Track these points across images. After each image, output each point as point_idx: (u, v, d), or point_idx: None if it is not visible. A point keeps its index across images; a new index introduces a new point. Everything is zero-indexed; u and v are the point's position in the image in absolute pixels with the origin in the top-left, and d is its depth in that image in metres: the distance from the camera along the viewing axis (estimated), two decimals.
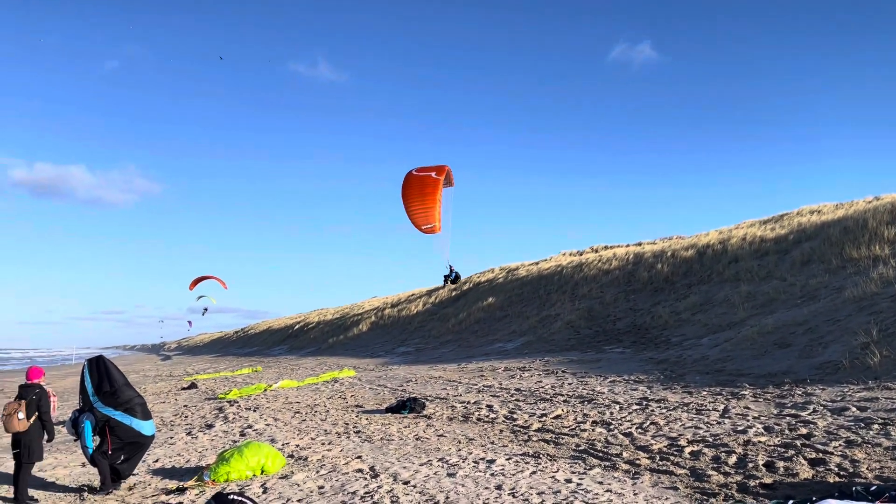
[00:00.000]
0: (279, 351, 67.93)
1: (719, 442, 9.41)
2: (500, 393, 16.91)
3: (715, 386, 14.30)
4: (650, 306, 28.23)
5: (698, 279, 29.01)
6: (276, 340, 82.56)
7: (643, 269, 34.01)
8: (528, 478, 8.31)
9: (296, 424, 14.35)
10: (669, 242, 39.87)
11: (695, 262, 31.17)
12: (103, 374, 9.49)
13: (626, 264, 36.58)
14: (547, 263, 47.75)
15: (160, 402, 20.57)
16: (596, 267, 38.69)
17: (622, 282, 34.08)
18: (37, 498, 8.83)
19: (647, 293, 30.70)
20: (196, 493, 8.69)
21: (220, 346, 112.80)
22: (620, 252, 41.00)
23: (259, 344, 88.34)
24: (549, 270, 43.72)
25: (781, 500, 6.26)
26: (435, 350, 36.31)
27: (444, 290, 32.21)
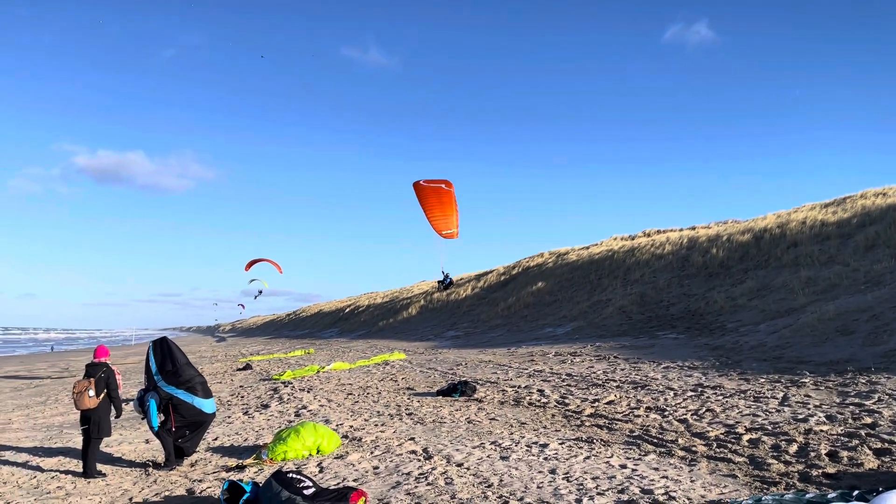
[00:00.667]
0: (330, 333, 68.99)
1: (779, 430, 9.19)
2: (551, 378, 16.85)
3: (773, 373, 13.96)
4: (705, 291, 27.67)
5: (755, 264, 28.28)
6: (327, 323, 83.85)
7: (697, 253, 33.32)
8: (581, 463, 8.27)
9: (349, 406, 14.57)
10: (725, 226, 38.94)
11: (751, 247, 30.38)
12: (166, 354, 9.80)
13: (679, 249, 35.90)
14: (598, 248, 47.19)
15: (217, 383, 21.12)
16: (648, 251, 38.08)
17: (675, 267, 33.48)
18: (105, 472, 9.18)
19: (701, 278, 30.09)
20: (255, 470, 8.91)
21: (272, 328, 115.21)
22: (674, 236, 40.24)
23: (310, 326, 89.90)
24: (601, 255, 43.21)
25: (846, 491, 6.08)
26: (484, 334, 36.36)
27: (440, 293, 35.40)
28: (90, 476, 8.95)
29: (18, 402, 18.66)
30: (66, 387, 22.21)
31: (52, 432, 13.00)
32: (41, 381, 26.35)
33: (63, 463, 10.00)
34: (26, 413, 16.18)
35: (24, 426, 14.03)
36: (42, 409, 16.95)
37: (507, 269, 56.15)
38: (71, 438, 12.04)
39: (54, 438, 12.24)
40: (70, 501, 7.81)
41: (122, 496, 7.99)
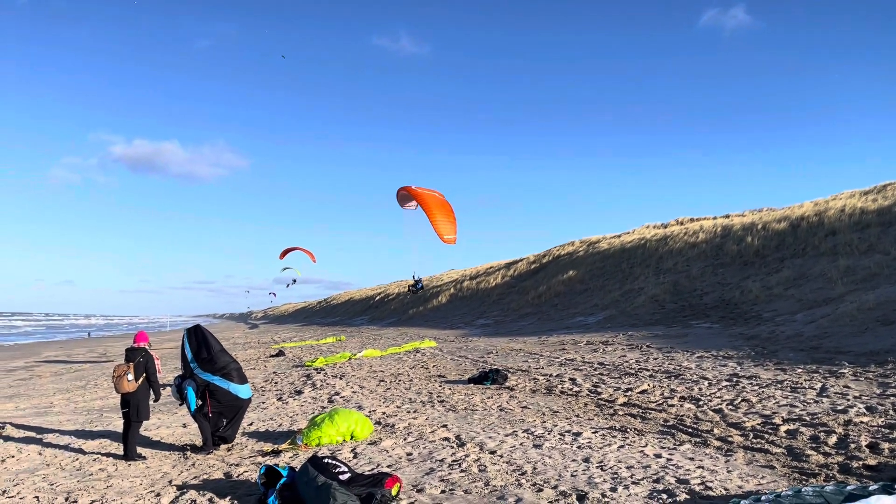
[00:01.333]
0: (361, 321, 69.48)
1: (817, 421, 9.05)
2: (583, 366, 16.78)
3: (811, 363, 13.73)
4: (739, 280, 27.26)
5: (791, 253, 27.78)
6: (358, 311, 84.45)
7: (732, 241, 32.82)
8: (615, 451, 8.23)
9: (381, 392, 14.68)
10: (760, 215, 38.27)
11: (788, 235, 29.83)
12: (201, 341, 9.95)
13: (713, 237, 35.39)
14: (630, 236, 46.74)
15: (250, 369, 21.42)
16: (681, 240, 37.62)
17: (709, 255, 33.03)
18: (145, 455, 9.38)
19: (735, 267, 29.65)
20: (290, 455, 9.03)
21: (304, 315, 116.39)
22: (707, 224, 39.66)
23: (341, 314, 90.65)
24: (632, 243, 42.80)
25: (888, 483, 5.96)
26: (514, 323, 36.30)
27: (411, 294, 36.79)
28: (131, 459, 9.15)
29: (59, 387, 19.14)
30: (104, 371, 22.72)
31: (93, 416, 13.32)
32: (80, 365, 26.99)
33: (104, 446, 10.23)
34: (67, 397, 16.59)
35: (65, 409, 14.39)
36: (82, 392, 17.37)
37: (538, 257, 55.92)
38: (111, 422, 12.32)
39: (95, 422, 12.53)
40: (112, 483, 7.99)
41: (161, 479, 8.16)
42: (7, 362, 29.81)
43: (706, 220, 44.78)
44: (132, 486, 7.83)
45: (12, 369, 26.08)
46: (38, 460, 9.37)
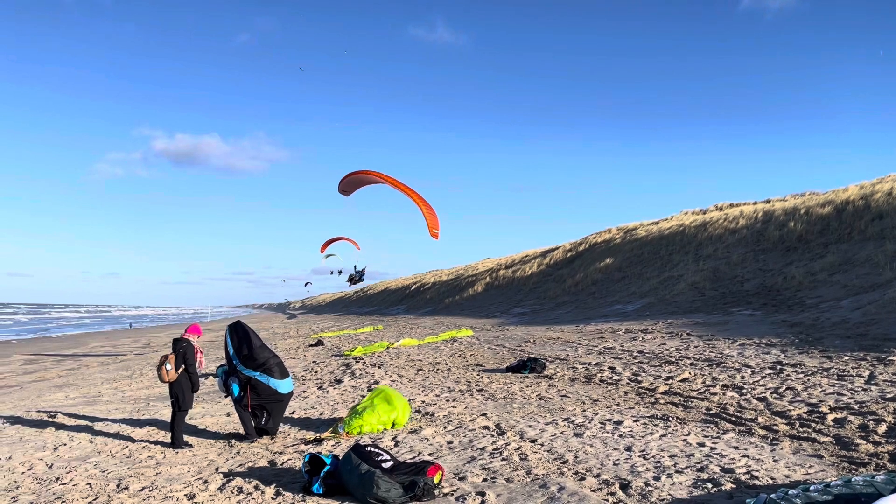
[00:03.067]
0: (397, 310, 69.88)
1: (866, 409, 8.85)
2: (622, 355, 16.64)
3: (858, 351, 13.42)
4: (782, 266, 26.73)
5: (836, 237, 27.12)
6: (394, 300, 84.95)
7: (773, 227, 32.17)
8: (657, 440, 8.16)
9: (420, 381, 14.76)
10: (802, 199, 37.40)
11: (832, 220, 29.12)
12: (242, 338, 10.08)
13: (754, 222, 34.74)
14: (668, 223, 46.12)
15: (290, 359, 21.72)
16: (721, 226, 37.00)
17: (750, 241, 32.43)
18: (191, 443, 9.60)
19: (778, 252, 29.07)
20: (332, 443, 9.15)
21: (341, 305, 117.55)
22: (748, 210, 38.92)
23: (378, 304, 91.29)
24: (671, 230, 42.22)
25: None
26: (551, 311, 36.15)
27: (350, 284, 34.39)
28: (178, 446, 9.37)
29: (106, 376, 19.65)
30: (149, 361, 23.25)
31: (140, 405, 13.65)
32: (124, 356, 27.66)
33: (152, 434, 10.49)
34: (114, 386, 17.03)
35: (113, 399, 14.77)
36: (129, 382, 17.80)
37: (574, 245, 55.53)
38: (158, 410, 12.62)
39: (142, 410, 12.85)
40: (161, 470, 8.20)
41: (208, 466, 8.34)
42: (56, 352, 30.69)
43: (746, 205, 43.92)
44: (180, 473, 8.01)
45: (61, 359, 26.86)
46: (89, 448, 9.65)
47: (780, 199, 42.43)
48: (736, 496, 5.94)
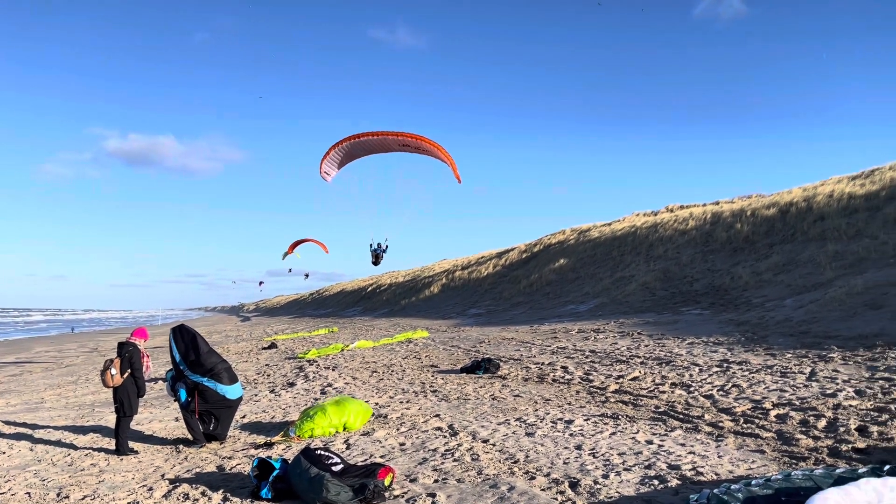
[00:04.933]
0: (353, 312, 69.46)
1: (807, 405, 9.12)
2: (575, 354, 16.83)
3: (800, 348, 13.83)
4: (729, 267, 27.40)
5: (781, 238, 27.93)
6: (350, 302, 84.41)
7: (721, 228, 32.96)
8: (607, 438, 8.27)
9: (374, 383, 14.68)
10: (749, 201, 38.41)
11: (777, 221, 29.98)
12: (189, 343, 9.83)
13: (703, 224, 35.53)
14: (620, 224, 46.85)
15: (243, 362, 21.38)
16: (671, 227, 37.75)
17: (699, 242, 33.16)
18: (137, 450, 9.36)
19: (725, 253, 29.79)
20: (283, 447, 9.03)
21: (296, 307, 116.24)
22: (697, 211, 39.80)
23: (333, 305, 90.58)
24: (623, 231, 42.91)
25: (877, 466, 6.02)
26: (506, 312, 36.37)
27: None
28: (123, 453, 9.13)
29: (50, 382, 19.04)
30: (95, 366, 22.61)
31: (84, 411, 13.26)
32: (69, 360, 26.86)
33: (96, 440, 10.20)
34: (58, 392, 16.50)
35: (56, 405, 14.32)
36: (73, 388, 17.28)
37: (529, 246, 55.98)
38: (103, 417, 12.27)
39: (86, 417, 12.48)
40: (104, 478, 7.97)
41: (154, 472, 8.14)
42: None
43: (696, 207, 44.90)
44: (124, 481, 7.81)
45: (1, 365, 25.94)
46: (29, 456, 9.33)
47: (728, 202, 43.48)
48: (681, 492, 6.05)
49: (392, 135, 16.76)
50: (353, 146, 17.61)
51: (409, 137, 16.80)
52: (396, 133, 16.75)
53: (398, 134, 16.76)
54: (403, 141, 17.05)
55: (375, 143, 17.42)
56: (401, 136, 16.78)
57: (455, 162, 17.41)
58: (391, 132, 16.77)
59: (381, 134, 16.86)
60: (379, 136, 16.89)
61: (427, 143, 16.85)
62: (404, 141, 17.04)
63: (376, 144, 17.46)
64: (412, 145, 17.19)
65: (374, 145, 17.57)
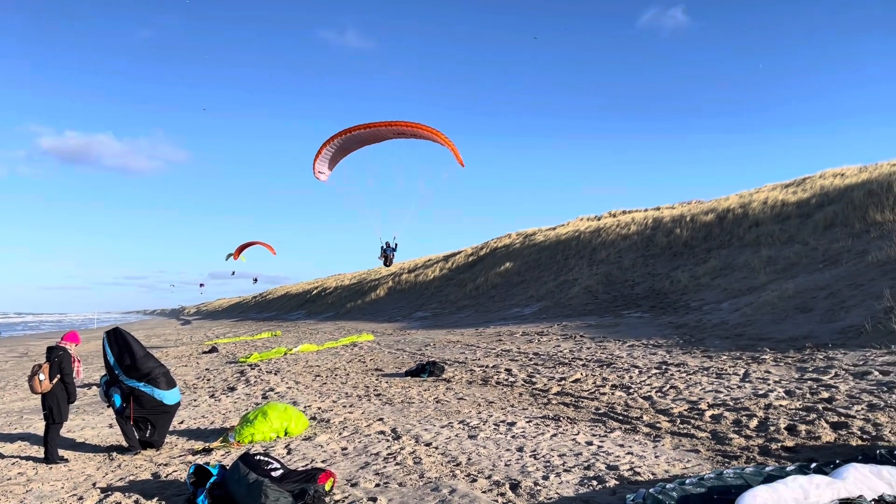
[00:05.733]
0: (297, 316, 68.58)
1: (740, 406, 9.40)
2: (519, 357, 16.98)
3: (735, 350, 14.25)
4: (669, 271, 28.08)
5: (718, 244, 28.77)
6: (295, 305, 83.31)
7: (662, 233, 33.76)
8: (548, 440, 8.36)
9: (317, 387, 14.52)
10: (688, 207, 39.49)
11: (714, 227, 30.88)
12: (123, 346, 9.55)
13: (644, 229, 36.33)
14: (564, 229, 47.53)
15: (182, 366, 20.87)
16: (614, 232, 38.47)
17: (640, 247, 33.89)
18: (67, 458, 9.03)
19: (665, 258, 30.52)
20: (222, 453, 8.84)
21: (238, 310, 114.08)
22: (639, 217, 40.69)
23: (277, 309, 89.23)
24: (567, 236, 43.54)
25: (804, 464, 6.25)
26: (452, 315, 36.47)
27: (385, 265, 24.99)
28: (52, 461, 8.79)
29: None
30: (24, 372, 21.74)
31: (12, 418, 12.73)
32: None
33: (24, 448, 9.80)
34: None
35: None
36: (0, 394, 16.58)
37: (475, 249, 56.28)
38: (31, 424, 11.80)
39: (14, 424, 11.99)
40: (31, 488, 7.66)
41: (85, 481, 7.87)
42: None
43: (638, 212, 45.92)
44: (53, 490, 7.52)
45: None
46: None
47: (668, 207, 44.62)
48: (619, 492, 6.16)
49: (385, 125, 16.38)
50: (346, 140, 17.18)
51: (403, 126, 16.43)
52: (390, 122, 16.37)
53: (392, 123, 16.39)
54: (398, 129, 16.69)
55: (368, 135, 16.96)
56: (395, 125, 16.41)
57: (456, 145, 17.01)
58: (384, 122, 16.36)
59: (373, 125, 16.45)
60: (371, 127, 16.45)
61: (423, 130, 16.49)
62: (399, 129, 16.69)
63: (369, 136, 17.02)
64: (407, 133, 16.84)
65: (366, 137, 17.10)
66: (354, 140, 17.29)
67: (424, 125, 16.50)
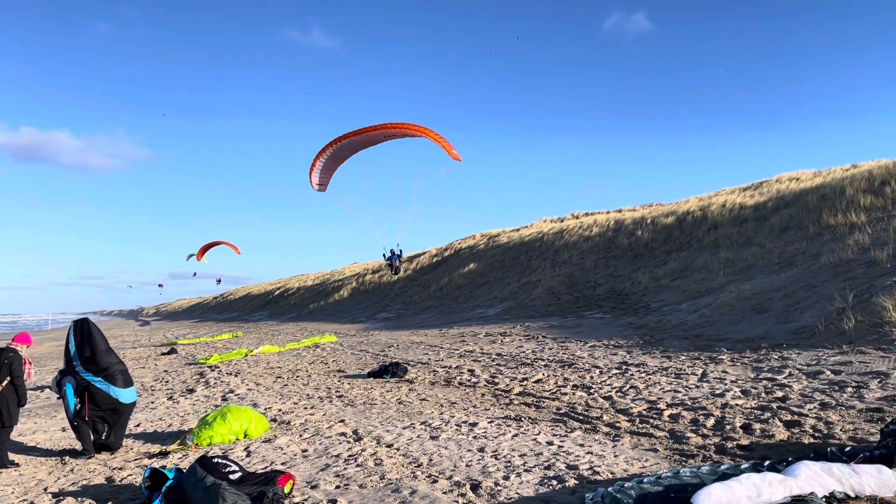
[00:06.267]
0: (259, 316, 67.78)
1: (698, 405, 9.56)
2: (482, 358, 17.03)
3: (693, 350, 14.49)
4: (630, 272, 28.44)
5: (678, 245, 29.23)
6: (256, 306, 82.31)
7: (623, 235, 34.18)
8: (510, 440, 8.40)
9: (278, 389, 14.37)
10: (649, 209, 40.08)
11: (674, 229, 31.37)
12: (85, 338, 9.34)
13: (606, 231, 36.74)
14: (528, 230, 47.83)
15: (140, 368, 20.48)
16: (577, 233, 38.84)
17: (602, 248, 34.26)
18: (18, 462, 8.78)
19: (626, 259, 30.91)
20: (179, 456, 8.69)
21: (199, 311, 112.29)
22: (601, 219, 41.16)
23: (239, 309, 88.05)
24: (531, 237, 43.82)
25: (758, 461, 6.38)
26: (416, 316, 36.42)
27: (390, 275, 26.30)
28: (2, 466, 8.54)
29: None
30: None
31: None
32: None
33: None
34: None
35: None
36: None
37: (440, 250, 56.30)
38: None
39: None
40: None
41: (36, 486, 7.66)
42: None
43: (600, 214, 46.46)
44: (2, 496, 7.30)
45: None
46: None
47: (630, 209, 45.23)
48: (578, 491, 6.21)
49: (375, 129, 16.40)
50: (339, 149, 17.21)
51: (393, 128, 16.39)
52: (379, 126, 16.38)
53: (382, 126, 16.38)
54: (388, 132, 16.67)
55: (360, 141, 16.99)
56: (385, 127, 16.40)
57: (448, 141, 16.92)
58: (373, 126, 16.39)
59: (363, 131, 16.48)
60: (362, 133, 16.50)
61: (413, 129, 16.47)
62: (389, 132, 16.66)
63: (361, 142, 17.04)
64: (398, 134, 16.80)
65: (358, 143, 17.14)
66: (347, 147, 17.34)
67: (414, 125, 16.52)
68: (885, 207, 21.06)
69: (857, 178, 25.06)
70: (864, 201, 22.25)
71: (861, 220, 20.77)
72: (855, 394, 9.11)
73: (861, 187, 23.61)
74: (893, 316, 12.48)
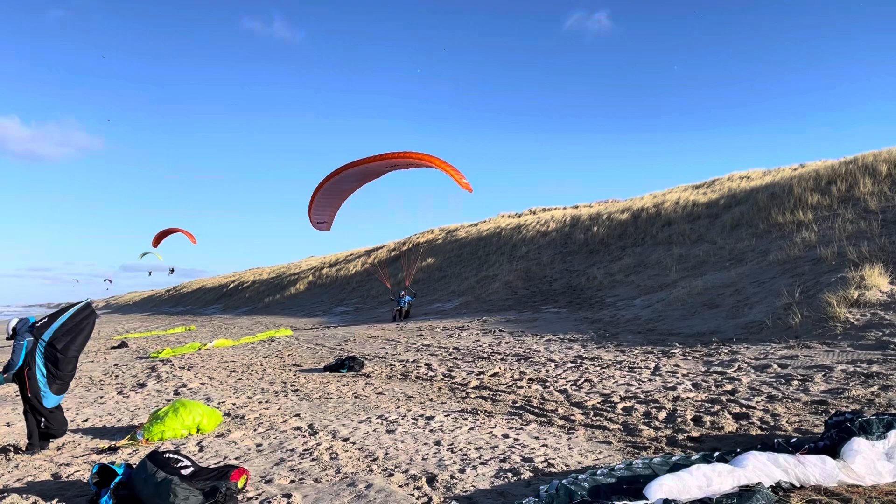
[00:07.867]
0: (213, 310, 66.68)
1: (650, 398, 9.74)
2: (439, 352, 17.05)
3: (647, 345, 14.75)
4: (585, 268, 28.79)
5: (632, 242, 29.69)
6: (210, 299, 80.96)
7: (579, 231, 34.57)
8: (466, 433, 8.43)
9: (232, 383, 14.17)
10: (605, 206, 40.61)
11: (629, 226, 31.85)
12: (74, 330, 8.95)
13: (563, 226, 37.11)
14: (486, 225, 48.02)
15: (88, 362, 19.96)
16: (534, 229, 39.14)
17: (559, 244, 34.61)
18: None
19: (582, 255, 31.28)
20: (129, 452, 8.50)
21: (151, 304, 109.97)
22: (558, 214, 41.55)
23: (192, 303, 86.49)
24: (489, 232, 44.01)
25: (708, 453, 6.53)
26: (374, 310, 36.28)
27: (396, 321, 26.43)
28: None
29: None
30: None
31: None
32: None
33: None
34: None
35: None
36: None
37: (398, 244, 56.15)
38: None
39: None
40: None
41: None
42: None
43: (557, 210, 46.89)
44: None
45: None
46: None
47: (586, 206, 45.77)
48: (533, 484, 6.27)
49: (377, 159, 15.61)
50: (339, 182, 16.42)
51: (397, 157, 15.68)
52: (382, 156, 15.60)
53: (385, 156, 15.60)
54: (392, 162, 15.95)
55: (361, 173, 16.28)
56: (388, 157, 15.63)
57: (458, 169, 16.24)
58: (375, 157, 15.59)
59: (364, 161, 15.70)
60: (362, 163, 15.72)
61: (419, 158, 15.79)
62: (393, 162, 15.97)
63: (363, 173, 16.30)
64: (402, 164, 16.17)
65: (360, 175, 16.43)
66: (347, 181, 16.73)
67: (420, 153, 15.89)
68: (830, 206, 21.70)
69: (805, 177, 25.76)
70: (811, 200, 22.89)
71: (808, 219, 21.38)
72: (800, 387, 9.39)
73: (808, 186, 24.29)
74: (838, 311, 12.89)
